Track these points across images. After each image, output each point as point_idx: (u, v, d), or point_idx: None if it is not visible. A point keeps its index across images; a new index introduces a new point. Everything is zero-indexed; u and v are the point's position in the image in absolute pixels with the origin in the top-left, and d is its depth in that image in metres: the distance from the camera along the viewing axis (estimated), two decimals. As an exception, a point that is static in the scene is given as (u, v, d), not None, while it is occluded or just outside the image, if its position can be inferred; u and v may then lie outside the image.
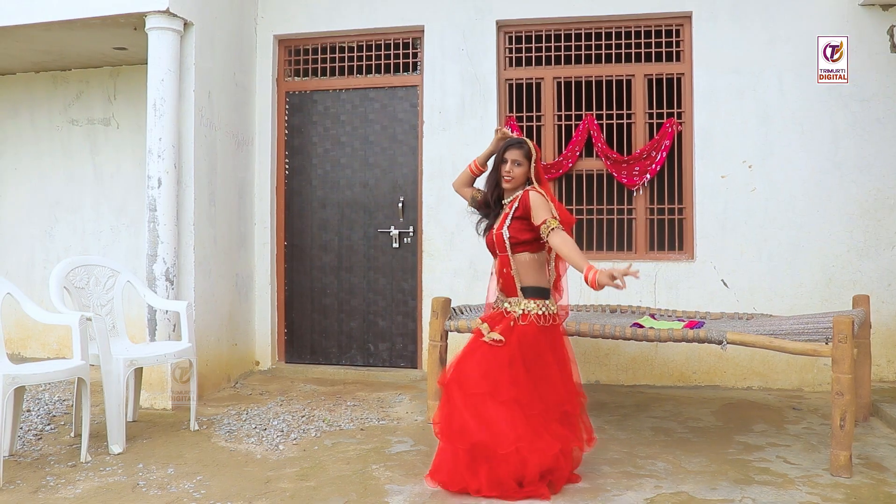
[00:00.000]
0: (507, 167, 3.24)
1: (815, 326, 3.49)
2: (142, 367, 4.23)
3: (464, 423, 3.01)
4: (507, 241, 3.20)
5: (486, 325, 3.21)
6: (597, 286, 2.91)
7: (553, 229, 3.08)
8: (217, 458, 3.58)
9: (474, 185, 3.56)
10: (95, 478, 3.30)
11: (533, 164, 3.26)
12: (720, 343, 3.48)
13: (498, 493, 2.98)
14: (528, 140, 3.32)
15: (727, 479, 3.24)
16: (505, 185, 3.28)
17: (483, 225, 3.43)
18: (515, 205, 3.22)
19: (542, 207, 3.14)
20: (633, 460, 3.50)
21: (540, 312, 3.17)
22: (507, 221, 3.22)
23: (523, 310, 3.17)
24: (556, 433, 3.10)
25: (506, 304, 3.25)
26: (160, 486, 3.20)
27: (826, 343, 3.31)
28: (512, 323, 3.15)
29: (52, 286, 3.85)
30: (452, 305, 4.36)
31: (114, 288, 4.21)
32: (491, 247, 3.33)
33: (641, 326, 3.89)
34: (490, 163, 3.45)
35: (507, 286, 3.26)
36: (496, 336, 3.12)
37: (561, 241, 3.08)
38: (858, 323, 3.80)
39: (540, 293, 3.21)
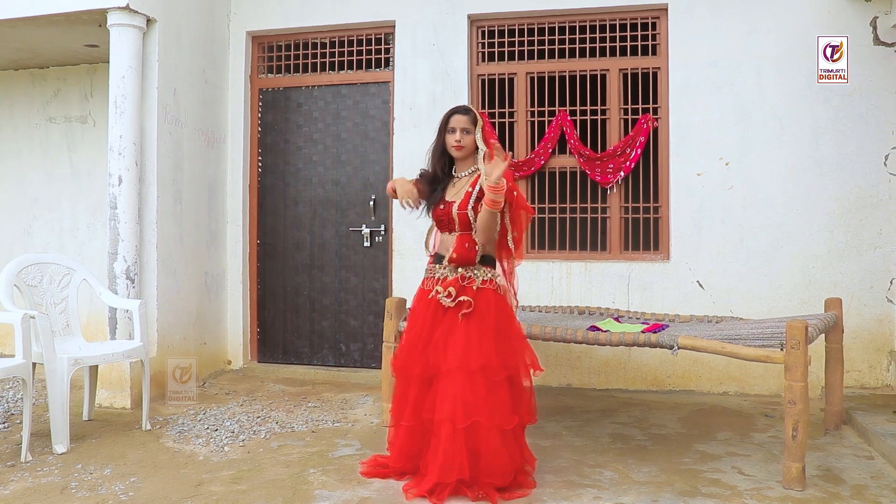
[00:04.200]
0: (457, 136, 3.14)
1: (772, 331, 3.33)
2: (97, 366, 4.20)
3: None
4: (474, 223, 3.10)
5: (450, 289, 3.10)
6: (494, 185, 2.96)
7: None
8: (157, 460, 3.53)
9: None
10: (30, 478, 3.26)
11: (479, 132, 3.16)
12: (671, 348, 3.34)
13: None
14: (472, 107, 3.23)
15: (672, 490, 3.10)
16: (456, 154, 3.18)
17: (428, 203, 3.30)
18: (479, 186, 3.09)
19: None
20: (580, 469, 3.37)
21: (497, 280, 3.17)
22: (471, 202, 3.10)
23: (483, 277, 3.13)
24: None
25: (460, 271, 3.14)
26: (91, 488, 3.15)
27: (781, 349, 3.16)
28: (475, 287, 3.11)
29: (1, 284, 3.83)
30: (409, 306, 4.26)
31: (69, 286, 4.18)
32: (448, 223, 3.18)
33: (598, 329, 3.76)
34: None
35: (465, 258, 3.15)
36: (464, 298, 3.08)
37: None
38: (825, 327, 3.63)
39: (493, 262, 3.21)
